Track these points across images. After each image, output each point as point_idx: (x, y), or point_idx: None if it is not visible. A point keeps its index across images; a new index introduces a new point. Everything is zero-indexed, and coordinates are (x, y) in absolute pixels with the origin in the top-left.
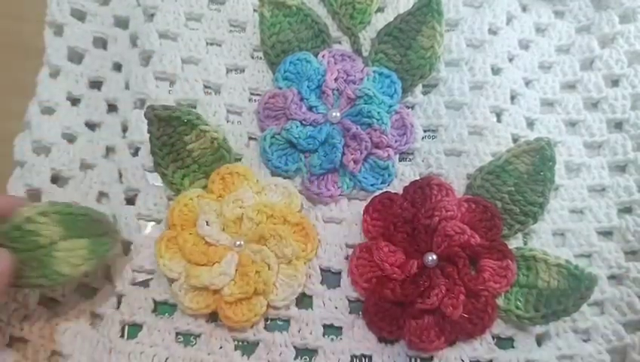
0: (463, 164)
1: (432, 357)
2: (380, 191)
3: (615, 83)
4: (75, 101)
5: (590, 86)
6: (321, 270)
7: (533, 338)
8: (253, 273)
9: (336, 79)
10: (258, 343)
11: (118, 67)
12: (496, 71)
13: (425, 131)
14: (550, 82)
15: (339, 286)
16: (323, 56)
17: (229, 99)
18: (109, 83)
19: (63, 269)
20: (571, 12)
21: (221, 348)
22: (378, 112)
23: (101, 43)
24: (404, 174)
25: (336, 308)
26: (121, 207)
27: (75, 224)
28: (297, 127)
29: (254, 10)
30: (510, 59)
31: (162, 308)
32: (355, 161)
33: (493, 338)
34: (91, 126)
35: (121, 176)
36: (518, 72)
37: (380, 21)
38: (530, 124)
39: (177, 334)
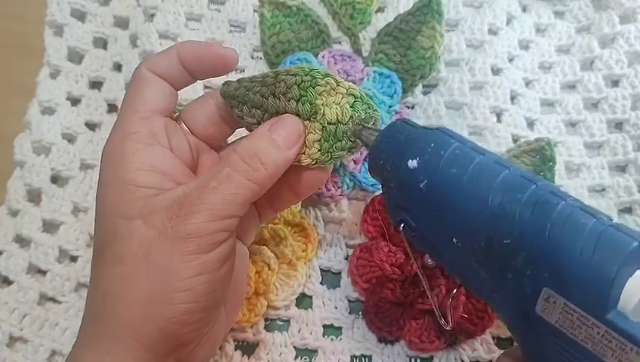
0: None
1: (432, 358)
2: (380, 191)
3: (615, 83)
4: (75, 101)
5: (590, 86)
6: (321, 270)
7: None
8: (253, 273)
9: None
10: (258, 343)
11: (118, 67)
12: (496, 71)
13: None
14: (550, 82)
15: (339, 286)
16: (323, 57)
17: None
18: (109, 83)
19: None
20: (571, 12)
21: (221, 348)
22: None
23: (101, 43)
24: None
25: (336, 308)
26: None
27: None
28: None
29: (254, 11)
30: (510, 60)
31: None
32: (355, 161)
33: (493, 338)
34: (91, 126)
35: None
36: (518, 72)
37: (380, 21)
38: (530, 124)
39: None
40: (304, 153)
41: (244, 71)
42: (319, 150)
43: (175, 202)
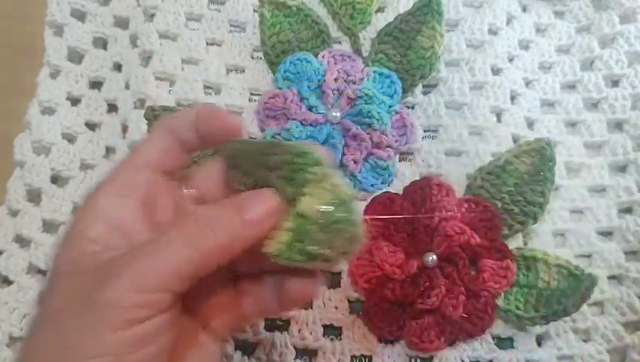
0: (462, 164)
1: (432, 358)
2: (380, 191)
3: (615, 83)
4: (75, 101)
5: (590, 86)
6: (322, 270)
7: (533, 338)
8: None
9: (336, 79)
10: (258, 343)
11: (118, 67)
12: (496, 71)
13: (425, 131)
14: (550, 82)
15: (339, 286)
16: (323, 57)
17: (229, 99)
18: (109, 83)
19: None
20: (571, 12)
21: (221, 348)
22: (378, 112)
23: (101, 43)
24: (404, 174)
25: (336, 308)
26: None
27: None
28: (297, 127)
29: (254, 11)
30: (510, 60)
31: None
32: (355, 161)
33: (493, 338)
34: (91, 126)
35: None
36: (518, 72)
37: (380, 21)
38: (530, 124)
39: None
40: (273, 238)
41: (244, 71)
42: (285, 242)
43: (108, 262)
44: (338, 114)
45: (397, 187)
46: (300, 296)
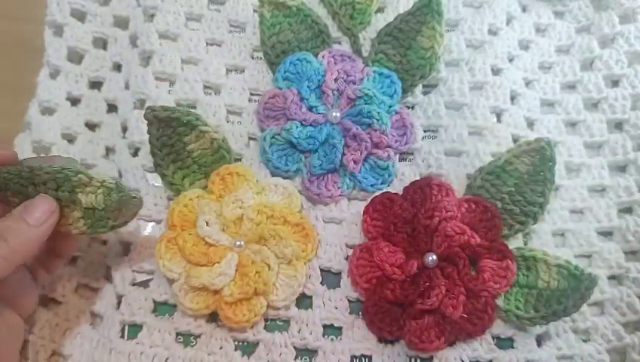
0: (463, 164)
1: (431, 358)
2: (380, 192)
3: (615, 83)
4: (75, 101)
5: (590, 86)
6: (321, 270)
7: (533, 338)
8: (253, 273)
9: (336, 79)
10: (258, 343)
11: (118, 67)
12: (496, 71)
13: (425, 131)
14: (550, 82)
15: (339, 286)
16: (323, 57)
17: (229, 100)
18: (109, 83)
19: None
20: (571, 12)
21: (221, 348)
22: (378, 112)
23: (101, 43)
24: (404, 174)
25: (336, 308)
26: None
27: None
28: (297, 127)
29: (254, 11)
30: (510, 60)
31: (162, 308)
32: (355, 161)
33: (493, 338)
34: (91, 126)
35: (121, 176)
36: (518, 72)
37: (380, 21)
38: (530, 124)
39: (177, 334)
40: (72, 225)
41: (244, 71)
42: (84, 225)
43: None
44: (338, 114)
45: (397, 187)
46: (74, 245)
